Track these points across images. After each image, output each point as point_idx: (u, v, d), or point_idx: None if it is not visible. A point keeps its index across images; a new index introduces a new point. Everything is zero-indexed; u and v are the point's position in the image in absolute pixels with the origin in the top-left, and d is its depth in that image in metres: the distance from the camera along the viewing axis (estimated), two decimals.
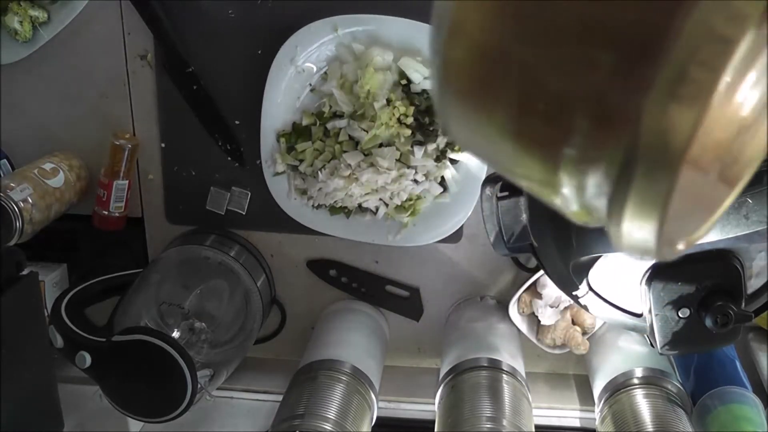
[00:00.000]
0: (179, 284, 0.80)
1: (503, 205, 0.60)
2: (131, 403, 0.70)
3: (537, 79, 0.22)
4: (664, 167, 0.20)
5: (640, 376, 0.76)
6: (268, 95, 0.77)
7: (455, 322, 0.86)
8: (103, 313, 0.75)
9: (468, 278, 0.88)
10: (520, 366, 0.78)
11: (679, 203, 0.21)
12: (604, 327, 0.85)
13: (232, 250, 0.84)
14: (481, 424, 0.68)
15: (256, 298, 0.83)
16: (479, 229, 0.84)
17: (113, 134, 0.82)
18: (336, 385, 0.74)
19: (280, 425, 0.70)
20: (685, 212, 0.22)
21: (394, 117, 0.74)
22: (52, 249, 0.88)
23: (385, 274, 0.88)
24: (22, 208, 0.73)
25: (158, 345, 0.66)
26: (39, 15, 0.77)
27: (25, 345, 0.70)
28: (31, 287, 0.71)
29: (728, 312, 0.54)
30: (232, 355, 0.79)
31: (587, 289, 0.60)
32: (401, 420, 0.86)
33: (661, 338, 0.57)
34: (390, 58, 0.74)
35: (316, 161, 0.78)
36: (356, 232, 0.82)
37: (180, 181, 0.85)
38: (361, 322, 0.86)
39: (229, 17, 0.78)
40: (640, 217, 0.22)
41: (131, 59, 0.81)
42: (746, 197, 0.50)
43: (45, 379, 0.73)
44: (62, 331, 0.69)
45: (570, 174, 0.22)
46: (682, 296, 0.56)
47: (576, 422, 0.86)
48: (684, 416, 0.71)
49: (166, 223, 0.87)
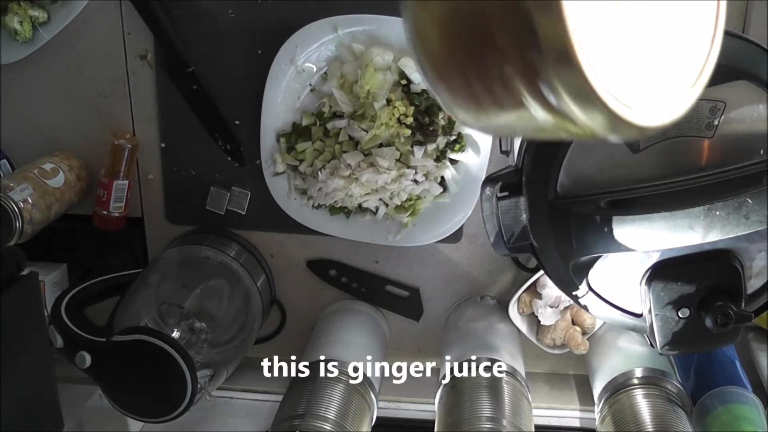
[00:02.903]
0: (179, 284, 0.80)
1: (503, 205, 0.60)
2: (131, 403, 0.70)
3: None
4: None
5: (640, 376, 0.76)
6: (268, 95, 0.77)
7: (455, 322, 0.86)
8: (103, 313, 0.75)
9: (468, 278, 0.88)
10: (520, 366, 0.78)
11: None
12: (604, 327, 0.85)
13: (232, 250, 0.84)
14: (481, 424, 0.68)
15: (256, 298, 0.83)
16: (479, 229, 0.84)
17: (113, 134, 0.82)
18: (336, 385, 0.74)
19: (280, 425, 0.70)
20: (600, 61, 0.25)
21: (394, 117, 0.74)
22: (52, 249, 0.88)
23: (385, 274, 0.88)
24: (22, 208, 0.73)
25: (158, 345, 0.66)
26: (39, 15, 0.77)
27: (25, 345, 0.70)
28: (31, 287, 0.71)
29: (728, 312, 0.54)
30: (232, 355, 0.79)
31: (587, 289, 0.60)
32: (401, 420, 0.86)
33: (661, 338, 0.57)
34: (390, 58, 0.74)
35: (316, 161, 0.78)
36: (356, 232, 0.82)
37: (180, 181, 0.85)
38: (361, 322, 0.86)
39: (229, 17, 0.78)
40: (577, 93, 0.25)
41: (131, 59, 0.81)
42: (746, 197, 0.50)
43: (45, 379, 0.73)
44: (62, 331, 0.69)
45: (524, 88, 0.26)
46: (682, 296, 0.56)
47: (576, 422, 0.86)
48: (684, 416, 0.71)
49: (166, 223, 0.87)
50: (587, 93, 0.24)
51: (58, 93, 0.83)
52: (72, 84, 0.82)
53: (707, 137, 0.53)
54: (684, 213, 0.51)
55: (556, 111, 0.26)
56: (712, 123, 0.52)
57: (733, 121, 0.53)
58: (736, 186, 0.51)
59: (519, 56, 0.25)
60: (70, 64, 0.81)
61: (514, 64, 0.25)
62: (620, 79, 0.26)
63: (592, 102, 0.25)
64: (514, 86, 0.26)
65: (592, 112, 0.25)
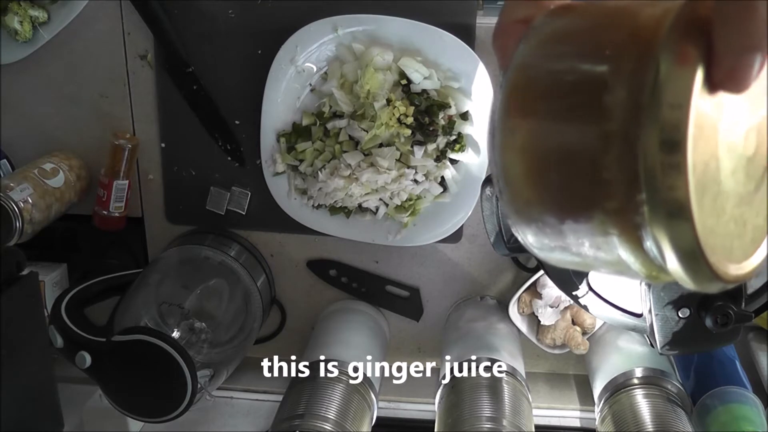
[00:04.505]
0: (179, 284, 0.80)
1: None
2: (131, 403, 0.70)
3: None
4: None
5: (640, 376, 0.76)
6: (268, 95, 0.77)
7: (455, 322, 0.86)
8: (103, 313, 0.75)
9: (468, 278, 0.88)
10: (520, 366, 0.78)
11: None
12: (604, 327, 0.85)
13: (232, 250, 0.84)
14: (481, 424, 0.68)
15: (256, 298, 0.83)
16: (479, 229, 0.84)
17: (113, 134, 0.82)
18: (336, 385, 0.74)
19: (280, 425, 0.70)
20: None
21: (394, 117, 0.74)
22: (52, 249, 0.88)
23: (385, 274, 0.88)
24: (22, 208, 0.73)
25: (158, 345, 0.66)
26: (39, 15, 0.77)
27: (25, 345, 0.70)
28: (31, 287, 0.71)
29: (728, 312, 0.54)
30: (232, 355, 0.79)
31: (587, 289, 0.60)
32: (401, 420, 0.86)
33: (661, 338, 0.57)
34: (390, 58, 0.74)
35: (316, 161, 0.78)
36: (356, 232, 0.82)
37: (180, 181, 0.85)
38: (361, 322, 0.86)
39: (229, 17, 0.78)
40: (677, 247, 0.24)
41: (131, 59, 0.81)
42: None
43: (45, 379, 0.73)
44: (62, 331, 0.69)
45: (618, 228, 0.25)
46: (682, 296, 0.56)
47: (576, 422, 0.86)
48: (684, 416, 0.71)
49: (166, 223, 0.87)
50: (695, 252, 0.24)
51: (58, 93, 0.83)
52: (72, 84, 0.82)
53: None
54: None
55: (649, 260, 0.25)
56: None
57: None
58: None
59: (625, 197, 0.24)
60: (70, 64, 0.81)
61: (616, 203, 0.24)
62: (717, 233, 0.25)
63: (697, 260, 0.24)
64: (607, 227, 0.25)
65: (695, 269, 0.24)
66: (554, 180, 0.26)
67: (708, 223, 0.24)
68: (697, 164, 0.23)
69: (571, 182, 0.26)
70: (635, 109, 0.23)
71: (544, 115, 0.27)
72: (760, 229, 0.28)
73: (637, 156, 0.23)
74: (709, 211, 0.24)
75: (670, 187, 0.23)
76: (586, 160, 0.25)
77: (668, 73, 0.23)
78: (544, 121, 0.27)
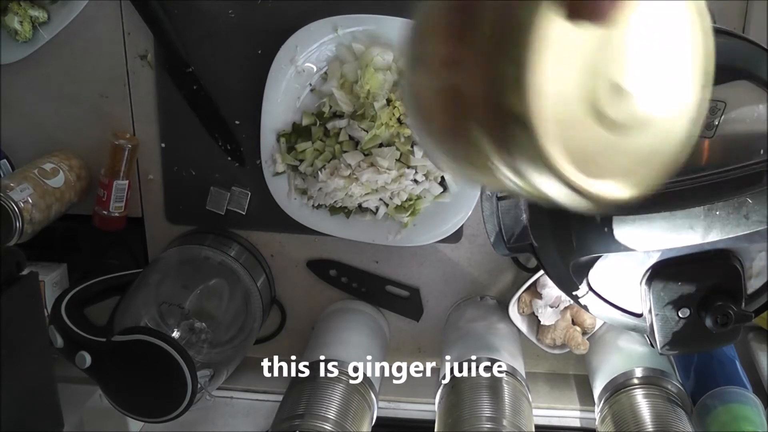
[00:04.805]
0: (179, 284, 0.80)
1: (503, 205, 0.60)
2: (131, 403, 0.70)
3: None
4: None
5: (640, 376, 0.76)
6: (268, 95, 0.77)
7: (455, 322, 0.86)
8: (103, 313, 0.75)
9: (468, 278, 0.88)
10: (520, 366, 0.78)
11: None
12: (604, 327, 0.85)
13: (232, 250, 0.84)
14: (481, 424, 0.68)
15: (256, 298, 0.83)
16: (479, 229, 0.84)
17: (113, 134, 0.82)
18: (336, 385, 0.74)
19: (280, 425, 0.70)
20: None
21: (394, 117, 0.74)
22: (52, 249, 0.88)
23: (385, 274, 0.88)
24: (22, 208, 0.73)
25: (158, 345, 0.66)
26: (39, 15, 0.77)
27: (25, 345, 0.70)
28: (31, 287, 0.71)
29: (728, 312, 0.54)
30: (232, 355, 0.79)
31: (587, 289, 0.60)
32: (401, 420, 0.86)
33: (661, 338, 0.57)
34: (390, 58, 0.74)
35: (316, 161, 0.78)
36: (356, 232, 0.82)
37: (180, 181, 0.85)
38: (361, 322, 0.86)
39: (229, 17, 0.78)
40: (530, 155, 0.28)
41: (131, 59, 0.81)
42: (746, 197, 0.50)
43: (45, 379, 0.73)
44: (62, 331, 0.69)
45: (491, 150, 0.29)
46: (682, 296, 0.56)
47: (576, 422, 0.86)
48: (684, 416, 0.71)
49: (166, 223, 0.87)
50: (541, 158, 0.27)
51: (58, 93, 0.83)
52: (72, 84, 0.82)
53: (707, 137, 0.53)
54: (684, 213, 0.51)
55: (519, 174, 0.29)
56: (712, 123, 0.52)
57: (733, 121, 0.53)
58: (736, 186, 0.51)
59: (488, 116, 0.28)
60: (70, 64, 0.81)
61: (481, 123, 0.28)
62: (586, 152, 0.28)
63: (546, 167, 0.27)
64: (482, 145, 0.29)
65: (546, 178, 0.28)
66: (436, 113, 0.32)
67: (561, 135, 0.27)
68: (546, 81, 0.26)
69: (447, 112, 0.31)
70: (494, 36, 0.27)
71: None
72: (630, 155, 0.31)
73: (491, 74, 0.27)
74: (563, 125, 0.27)
75: (514, 100, 0.26)
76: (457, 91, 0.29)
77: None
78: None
